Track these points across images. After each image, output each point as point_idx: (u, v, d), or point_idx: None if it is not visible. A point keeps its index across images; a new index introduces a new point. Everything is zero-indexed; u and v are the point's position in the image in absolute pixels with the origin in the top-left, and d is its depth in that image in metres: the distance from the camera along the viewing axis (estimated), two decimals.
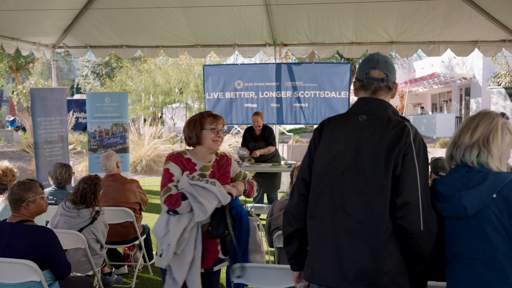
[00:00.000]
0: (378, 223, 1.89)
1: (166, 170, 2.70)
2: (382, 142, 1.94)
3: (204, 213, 2.55)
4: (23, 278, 2.81)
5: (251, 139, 6.92)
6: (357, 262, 1.90)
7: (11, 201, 2.96)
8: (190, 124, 2.77)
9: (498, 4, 6.05)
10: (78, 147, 14.12)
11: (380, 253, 1.88)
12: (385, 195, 1.90)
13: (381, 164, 1.92)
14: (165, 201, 2.58)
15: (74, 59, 31.68)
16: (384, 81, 2.07)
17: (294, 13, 6.78)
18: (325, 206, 2.01)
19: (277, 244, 3.54)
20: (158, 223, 2.65)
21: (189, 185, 2.59)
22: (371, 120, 2.02)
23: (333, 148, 2.06)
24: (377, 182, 1.91)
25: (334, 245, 1.96)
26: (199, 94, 18.51)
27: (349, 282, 1.91)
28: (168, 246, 2.57)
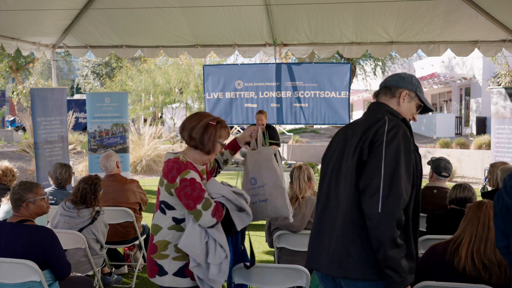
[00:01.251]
0: (345, 208, 2.03)
1: (192, 180, 2.38)
2: (357, 135, 2.07)
3: (247, 219, 2.51)
4: (23, 278, 2.81)
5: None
6: (333, 243, 2.04)
7: (11, 200, 2.96)
8: (208, 129, 2.51)
9: (498, 4, 6.05)
10: (78, 147, 14.12)
11: (346, 236, 2.00)
12: (352, 183, 2.02)
13: (351, 151, 2.06)
14: (214, 214, 2.37)
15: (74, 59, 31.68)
16: (382, 85, 2.27)
17: (294, 13, 6.78)
18: (322, 195, 2.21)
19: (277, 244, 3.55)
20: (190, 237, 2.38)
21: (231, 192, 2.47)
22: (363, 119, 2.20)
23: (331, 147, 2.27)
24: (348, 168, 2.06)
25: (320, 229, 2.16)
26: (199, 94, 18.53)
27: (325, 265, 2.07)
28: (225, 258, 2.41)
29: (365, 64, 25.24)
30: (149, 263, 2.51)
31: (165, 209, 2.47)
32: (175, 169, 2.41)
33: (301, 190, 3.58)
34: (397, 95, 2.20)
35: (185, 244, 2.38)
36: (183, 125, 2.57)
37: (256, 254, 5.46)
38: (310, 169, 3.74)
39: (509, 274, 2.36)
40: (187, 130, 2.53)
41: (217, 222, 2.40)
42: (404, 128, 2.03)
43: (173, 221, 2.46)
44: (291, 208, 2.80)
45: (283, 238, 3.52)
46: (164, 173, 2.45)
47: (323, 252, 2.09)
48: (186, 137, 2.53)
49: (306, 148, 17.35)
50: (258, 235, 6.20)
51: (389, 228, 1.89)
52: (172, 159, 2.46)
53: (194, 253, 2.37)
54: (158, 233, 2.48)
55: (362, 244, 1.96)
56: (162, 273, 2.45)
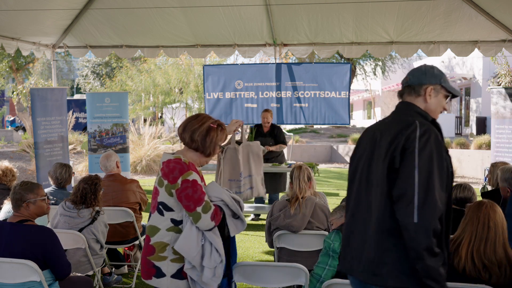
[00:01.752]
0: (376, 215, 2.01)
1: (194, 182, 2.38)
2: (387, 139, 2.03)
3: (241, 226, 2.50)
4: (23, 278, 2.81)
5: (258, 135, 6.93)
6: (366, 250, 2.02)
7: (12, 200, 2.96)
8: (210, 132, 2.52)
9: (498, 4, 6.05)
10: (78, 147, 14.11)
11: (378, 244, 1.99)
12: (382, 188, 1.99)
13: (381, 157, 2.02)
14: (213, 217, 2.39)
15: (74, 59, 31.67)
16: (405, 84, 2.20)
17: (294, 13, 6.78)
18: (352, 200, 2.19)
19: (277, 244, 3.55)
20: (187, 240, 2.37)
21: (230, 198, 2.47)
22: (391, 120, 2.14)
23: (359, 149, 2.23)
24: (378, 175, 2.02)
25: (352, 234, 2.14)
26: (199, 94, 18.52)
27: (359, 270, 2.05)
28: (220, 262, 2.41)
29: (365, 64, 25.25)
30: (145, 265, 2.48)
31: (163, 211, 2.45)
32: (177, 169, 2.39)
33: (301, 190, 3.58)
34: (422, 93, 2.14)
35: (181, 246, 2.37)
36: (184, 127, 2.55)
37: (256, 254, 5.48)
38: (310, 169, 3.74)
39: (509, 274, 2.36)
40: (189, 132, 2.52)
41: (215, 225, 2.41)
42: (435, 132, 1.99)
43: (172, 223, 2.45)
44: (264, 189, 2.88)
45: (283, 238, 3.52)
46: (164, 174, 2.42)
47: (355, 257, 2.08)
48: (188, 139, 2.52)
49: (306, 148, 17.35)
50: (258, 235, 6.20)
51: (426, 238, 1.86)
52: (173, 159, 2.44)
53: (190, 256, 2.37)
54: (155, 234, 2.45)
55: (397, 253, 1.95)
56: (160, 275, 2.44)
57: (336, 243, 2.88)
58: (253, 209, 6.87)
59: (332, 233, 2.95)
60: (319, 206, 3.59)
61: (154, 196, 2.50)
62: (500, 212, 2.47)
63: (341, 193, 9.55)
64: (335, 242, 2.88)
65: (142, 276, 2.52)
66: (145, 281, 2.51)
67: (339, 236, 2.89)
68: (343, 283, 2.62)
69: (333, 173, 13.71)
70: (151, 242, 2.47)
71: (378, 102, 33.05)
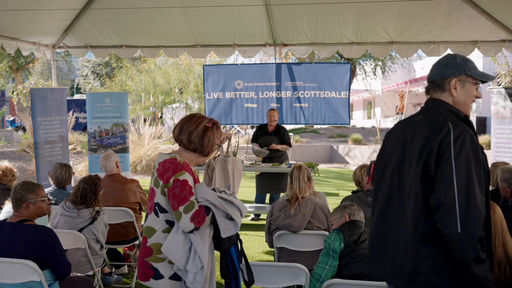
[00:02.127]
0: (410, 222, 1.94)
1: (184, 182, 2.37)
2: (419, 142, 1.95)
3: (233, 228, 2.43)
4: (23, 278, 2.81)
5: (263, 134, 6.94)
6: (397, 259, 1.98)
7: (12, 199, 2.96)
8: (207, 132, 2.52)
9: (498, 4, 6.05)
10: (78, 147, 14.11)
11: (412, 252, 1.92)
12: (416, 194, 1.92)
13: (414, 163, 1.94)
14: (193, 219, 2.33)
15: (74, 59, 31.68)
16: (429, 80, 2.12)
17: (294, 13, 6.78)
18: (379, 204, 2.12)
19: (277, 244, 3.55)
20: (173, 242, 2.37)
21: (217, 198, 2.42)
22: (423, 120, 2.04)
23: (387, 150, 2.16)
24: (410, 181, 1.95)
25: (381, 241, 2.08)
26: (199, 94, 18.52)
27: (394, 277, 2.00)
28: (201, 269, 2.36)
29: (365, 64, 25.25)
30: (142, 266, 2.47)
31: (158, 212, 2.44)
32: (171, 169, 2.40)
33: (301, 190, 3.58)
34: (446, 87, 2.05)
35: (167, 249, 2.37)
36: (180, 129, 2.54)
37: (256, 254, 5.48)
38: (310, 169, 3.74)
39: (509, 274, 2.36)
40: (186, 134, 2.51)
41: (196, 228, 2.35)
42: (469, 133, 1.90)
43: (167, 224, 2.45)
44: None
45: (283, 238, 3.52)
46: (159, 174, 2.42)
47: (388, 262, 2.03)
48: (185, 141, 2.51)
49: (306, 148, 17.35)
50: (258, 235, 6.20)
51: (472, 248, 1.80)
52: (169, 159, 2.44)
53: (175, 259, 2.36)
54: (152, 235, 2.45)
55: (433, 262, 1.90)
56: (158, 276, 2.43)
57: (336, 243, 2.88)
58: (253, 209, 6.87)
59: (332, 233, 2.95)
60: (319, 206, 3.59)
61: (150, 197, 2.50)
62: (500, 212, 2.46)
63: (341, 193, 9.55)
64: (335, 242, 2.88)
65: (139, 277, 2.50)
66: (142, 282, 2.49)
67: (339, 236, 2.89)
68: (343, 283, 2.62)
69: (333, 173, 13.71)
70: (148, 243, 2.46)
71: (378, 102, 33.05)
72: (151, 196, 2.48)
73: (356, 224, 3.01)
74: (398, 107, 28.53)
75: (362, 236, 2.91)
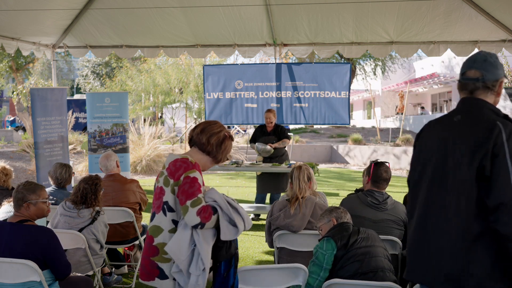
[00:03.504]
0: (462, 224, 1.90)
1: (194, 179, 2.41)
2: (468, 143, 1.92)
3: (234, 234, 2.43)
4: (23, 278, 2.81)
5: (262, 134, 6.97)
6: (445, 264, 1.92)
7: (13, 199, 2.96)
8: (225, 140, 2.62)
9: (498, 4, 6.05)
10: (78, 147, 14.12)
11: (464, 255, 1.88)
12: (469, 196, 1.89)
13: (465, 165, 1.91)
14: (199, 213, 2.34)
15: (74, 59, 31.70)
16: (480, 81, 2.04)
17: (294, 13, 6.78)
18: (419, 208, 2.06)
19: (277, 244, 3.54)
20: (178, 240, 2.38)
21: (224, 201, 2.44)
22: (464, 120, 2.01)
23: (426, 151, 2.10)
24: (461, 182, 1.91)
25: (425, 245, 2.01)
26: (199, 94, 18.51)
27: (439, 282, 1.94)
28: (203, 271, 2.36)
29: (365, 64, 25.28)
30: (147, 265, 2.47)
31: (166, 211, 2.46)
32: (182, 168, 2.44)
33: (301, 190, 3.58)
34: (496, 88, 2.05)
35: (172, 249, 2.37)
36: (202, 128, 2.61)
37: (256, 254, 5.48)
38: (310, 169, 3.74)
39: None
40: (207, 134, 2.58)
41: (202, 223, 2.35)
42: None
43: (173, 224, 2.46)
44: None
45: (283, 238, 3.52)
46: (170, 173, 2.46)
47: (431, 267, 1.98)
48: (204, 140, 2.58)
49: (306, 148, 17.35)
50: (258, 235, 6.20)
51: None
52: (180, 159, 2.49)
53: (179, 259, 2.36)
54: (159, 235, 2.46)
55: (485, 263, 1.87)
56: (163, 276, 2.43)
57: (329, 252, 2.85)
58: (253, 209, 6.87)
59: (323, 242, 2.91)
60: (319, 206, 3.59)
61: (158, 196, 2.51)
62: None
63: (341, 193, 9.55)
64: (327, 251, 2.85)
65: (142, 277, 2.49)
66: (144, 282, 2.49)
67: (331, 245, 2.86)
68: (343, 283, 2.62)
69: (333, 173, 13.71)
70: (155, 242, 2.46)
71: (378, 102, 33.06)
72: (160, 195, 2.49)
73: (344, 226, 2.99)
74: (398, 107, 28.54)
75: (351, 237, 2.89)
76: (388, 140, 18.86)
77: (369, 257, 2.82)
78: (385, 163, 3.55)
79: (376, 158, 6.90)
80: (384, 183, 3.47)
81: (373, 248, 2.88)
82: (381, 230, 3.31)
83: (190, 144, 2.68)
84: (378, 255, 2.87)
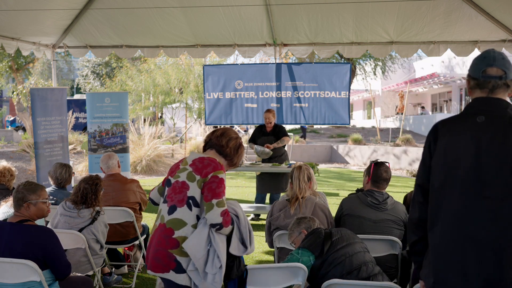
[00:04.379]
0: (504, 230, 1.82)
1: (221, 180, 2.54)
2: (505, 145, 1.86)
3: (242, 251, 2.54)
4: (23, 278, 2.81)
5: (261, 135, 6.96)
6: (483, 271, 1.84)
7: (14, 199, 2.96)
8: (241, 147, 2.81)
9: (498, 4, 6.05)
10: (78, 147, 14.12)
11: (506, 262, 1.81)
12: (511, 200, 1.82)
13: (506, 169, 1.84)
14: (223, 215, 2.46)
15: (74, 59, 31.71)
16: (503, 79, 1.97)
17: (294, 13, 6.78)
18: (448, 213, 1.94)
19: (277, 244, 3.54)
20: (198, 237, 2.44)
21: (245, 218, 2.58)
22: (491, 121, 1.93)
23: (451, 152, 1.96)
24: (502, 186, 1.84)
25: (459, 253, 1.89)
26: (199, 94, 18.52)
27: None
28: (219, 268, 2.43)
29: (365, 64, 25.28)
30: (165, 258, 2.46)
31: (192, 206, 2.51)
32: (211, 166, 2.56)
33: (301, 190, 3.58)
34: (511, 87, 2.00)
35: (190, 246, 2.41)
36: (223, 132, 2.77)
37: (256, 254, 5.48)
38: (310, 169, 3.74)
39: None
40: (227, 138, 2.74)
41: (221, 225, 2.44)
42: None
43: (196, 219, 2.51)
44: None
45: (283, 238, 3.51)
46: (196, 169, 2.55)
47: (469, 275, 1.87)
48: (224, 143, 2.73)
49: (306, 148, 17.35)
50: (258, 235, 6.20)
51: None
52: (208, 157, 2.63)
53: (196, 257, 2.40)
54: (181, 228, 2.48)
55: None
56: (180, 270, 2.44)
57: (304, 258, 2.82)
58: (253, 209, 6.87)
59: (298, 250, 2.91)
60: (319, 206, 3.59)
61: (179, 190, 2.55)
62: None
63: (341, 193, 9.56)
64: (303, 257, 2.83)
65: (155, 269, 2.48)
66: (157, 274, 2.48)
67: (306, 253, 2.84)
68: (343, 283, 2.62)
69: (333, 173, 13.71)
70: (175, 235, 2.47)
71: (378, 102, 33.06)
72: (182, 189, 2.54)
73: (316, 233, 2.96)
74: (398, 107, 28.55)
75: (325, 243, 2.86)
76: (388, 140, 18.86)
77: (349, 256, 2.81)
78: (385, 163, 3.55)
79: (376, 158, 6.90)
80: (384, 183, 3.47)
81: (351, 246, 2.86)
82: (381, 230, 3.31)
83: (205, 147, 2.79)
84: (357, 251, 2.85)
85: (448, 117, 2.10)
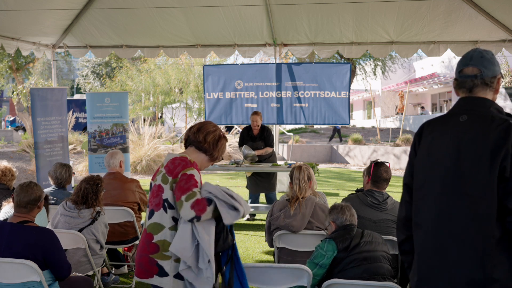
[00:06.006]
0: (484, 228, 1.83)
1: (190, 175, 2.45)
2: (485, 144, 1.86)
3: (235, 216, 2.44)
4: (23, 278, 2.81)
5: (249, 139, 6.94)
6: (466, 269, 1.84)
7: (14, 199, 2.96)
8: (221, 139, 2.68)
9: (498, 4, 6.05)
10: (78, 147, 14.13)
11: (487, 260, 1.81)
12: (491, 199, 1.83)
13: (485, 167, 1.84)
14: (194, 206, 2.36)
15: (74, 59, 31.70)
16: (478, 78, 1.97)
17: (294, 13, 6.78)
18: (429, 212, 1.95)
19: (277, 244, 3.54)
20: (181, 237, 2.39)
21: (220, 191, 2.46)
22: (472, 120, 1.93)
23: (433, 152, 1.99)
24: (481, 185, 1.84)
25: (441, 253, 1.91)
26: (199, 94, 18.54)
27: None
28: (208, 263, 2.37)
29: (365, 64, 25.28)
30: (146, 263, 2.46)
31: (167, 208, 2.47)
32: (181, 165, 2.49)
33: (301, 190, 3.57)
34: (494, 84, 1.99)
35: (177, 248, 2.38)
36: (199, 128, 2.66)
37: (256, 254, 5.48)
38: (310, 169, 3.73)
39: None
40: (203, 133, 2.64)
41: (197, 216, 2.36)
42: None
43: (173, 221, 2.47)
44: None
45: (283, 238, 3.51)
46: (169, 170, 2.50)
47: (451, 275, 1.88)
48: (201, 138, 2.63)
49: (306, 148, 17.36)
50: (258, 235, 6.20)
51: None
52: (179, 157, 2.55)
53: (185, 256, 2.37)
54: (160, 232, 2.46)
55: (508, 267, 1.82)
56: (163, 274, 2.43)
57: (329, 253, 2.84)
58: (252, 209, 6.86)
59: (325, 242, 2.91)
60: (319, 206, 3.59)
61: (156, 194, 2.52)
62: None
63: (341, 193, 9.56)
64: (328, 252, 2.85)
65: (140, 274, 2.48)
66: (143, 280, 2.48)
67: (331, 246, 2.86)
68: (343, 283, 2.62)
69: (333, 173, 13.71)
70: (155, 240, 2.46)
71: (378, 102, 33.06)
72: (158, 193, 2.51)
73: (347, 228, 2.97)
74: (398, 107, 28.54)
75: (353, 240, 2.88)
76: (388, 140, 18.86)
77: (370, 263, 2.81)
78: (385, 163, 3.55)
79: (376, 158, 6.90)
80: (384, 183, 3.47)
81: (375, 253, 2.86)
82: (381, 230, 3.31)
83: (185, 145, 2.71)
84: (379, 261, 2.85)
85: (434, 117, 2.12)
